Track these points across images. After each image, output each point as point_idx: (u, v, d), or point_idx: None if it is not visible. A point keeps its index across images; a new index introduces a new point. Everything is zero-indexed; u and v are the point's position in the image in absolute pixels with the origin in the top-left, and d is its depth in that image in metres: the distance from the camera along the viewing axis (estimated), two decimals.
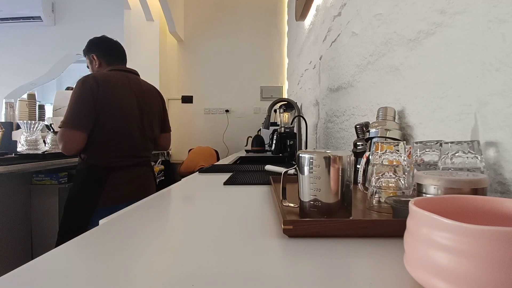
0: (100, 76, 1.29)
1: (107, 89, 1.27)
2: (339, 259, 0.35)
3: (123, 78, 1.37)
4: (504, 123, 0.44)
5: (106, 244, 0.40)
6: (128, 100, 1.34)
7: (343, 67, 1.24)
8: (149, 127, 1.44)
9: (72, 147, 1.23)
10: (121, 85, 1.34)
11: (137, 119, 1.37)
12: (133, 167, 1.37)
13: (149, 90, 1.48)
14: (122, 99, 1.31)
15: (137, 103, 1.38)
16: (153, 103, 1.48)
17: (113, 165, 1.30)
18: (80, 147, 1.25)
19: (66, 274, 0.32)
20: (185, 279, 0.30)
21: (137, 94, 1.38)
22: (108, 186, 1.27)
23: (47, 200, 1.75)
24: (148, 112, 1.43)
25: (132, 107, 1.35)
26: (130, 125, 1.33)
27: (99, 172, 1.28)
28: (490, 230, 0.21)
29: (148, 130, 1.43)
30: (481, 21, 0.48)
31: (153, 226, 0.50)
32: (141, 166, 1.42)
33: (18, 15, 4.04)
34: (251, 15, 4.01)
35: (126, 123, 1.32)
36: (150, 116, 1.44)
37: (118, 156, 1.32)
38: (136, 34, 3.68)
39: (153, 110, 1.47)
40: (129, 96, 1.35)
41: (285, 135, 2.23)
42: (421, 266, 0.25)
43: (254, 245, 0.39)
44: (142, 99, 1.40)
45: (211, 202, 0.67)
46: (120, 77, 1.36)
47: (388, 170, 0.54)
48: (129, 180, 1.34)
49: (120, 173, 1.31)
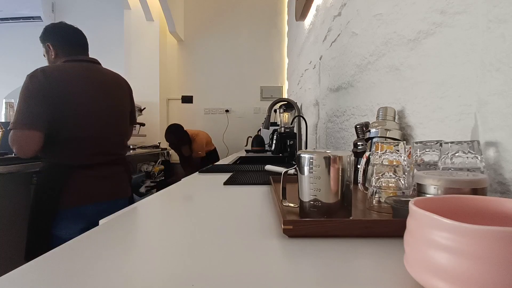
0: (50, 69, 1.16)
1: (59, 82, 1.14)
2: (339, 259, 0.35)
3: (81, 70, 1.23)
4: (504, 123, 0.44)
5: (106, 244, 0.40)
6: (89, 93, 1.21)
7: (343, 67, 1.24)
8: (120, 121, 1.32)
9: (28, 149, 1.11)
10: (78, 77, 1.20)
11: (104, 113, 1.24)
12: (102, 166, 1.24)
13: (114, 80, 1.34)
14: (80, 93, 1.18)
15: (102, 96, 1.25)
16: (121, 94, 1.35)
17: (77, 164, 1.18)
18: (37, 147, 1.12)
19: (66, 274, 0.32)
20: (185, 279, 0.30)
21: (100, 86, 1.25)
22: (71, 186, 1.16)
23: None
24: (117, 104, 1.31)
25: (94, 100, 1.22)
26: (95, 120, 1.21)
27: (61, 171, 1.16)
28: (490, 230, 0.21)
29: (119, 125, 1.32)
30: (481, 21, 0.48)
31: (153, 226, 0.50)
32: (113, 165, 1.29)
33: (18, 15, 4.04)
34: (251, 15, 4.01)
35: (89, 118, 1.19)
36: (119, 108, 1.32)
37: (82, 154, 1.19)
38: (136, 34, 3.69)
39: (121, 101, 1.34)
40: (90, 88, 1.22)
41: (285, 135, 2.23)
42: (421, 266, 0.25)
43: (254, 245, 0.39)
44: (107, 90, 1.28)
45: (211, 202, 0.67)
46: (77, 69, 1.22)
47: (388, 170, 0.54)
48: (97, 179, 1.21)
49: (86, 172, 1.19)
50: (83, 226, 1.16)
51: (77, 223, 1.16)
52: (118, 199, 1.29)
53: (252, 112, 4.01)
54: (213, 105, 3.99)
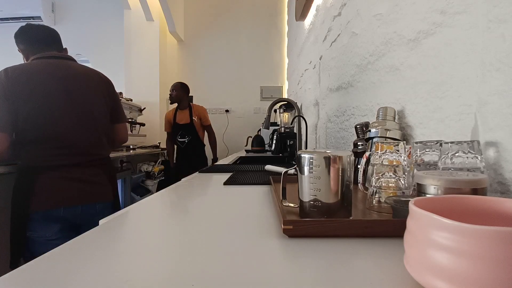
0: (13, 69, 1.13)
1: (20, 81, 1.11)
2: (339, 259, 0.35)
3: (45, 66, 1.18)
4: (504, 123, 0.44)
5: (106, 244, 0.40)
6: (51, 90, 1.14)
7: (343, 67, 1.24)
8: (91, 119, 1.23)
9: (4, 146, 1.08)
10: (40, 73, 1.15)
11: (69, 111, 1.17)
12: (71, 168, 1.16)
13: (83, 75, 1.25)
14: (42, 90, 1.13)
15: (66, 93, 1.17)
16: (93, 91, 1.25)
17: (44, 165, 1.12)
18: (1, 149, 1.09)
19: (66, 274, 0.32)
20: (185, 279, 0.30)
21: (65, 82, 1.18)
22: (39, 188, 1.11)
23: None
24: (87, 102, 1.22)
25: (57, 97, 1.15)
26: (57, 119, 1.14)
27: (29, 173, 1.12)
28: (490, 230, 0.21)
29: (91, 124, 1.23)
30: (481, 21, 0.48)
31: (153, 226, 0.50)
32: (85, 167, 1.19)
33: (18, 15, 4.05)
34: (251, 15, 4.01)
35: (51, 117, 1.13)
36: (90, 106, 1.23)
37: (49, 155, 1.13)
38: (136, 34, 3.69)
39: (93, 99, 1.25)
40: (53, 85, 1.15)
41: (285, 135, 2.23)
42: (421, 266, 0.25)
43: (254, 245, 0.39)
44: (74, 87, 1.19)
45: (211, 202, 0.67)
46: (41, 65, 1.17)
47: (388, 170, 0.54)
48: (66, 181, 1.14)
49: (54, 173, 1.13)
50: (59, 227, 1.13)
51: (51, 226, 1.12)
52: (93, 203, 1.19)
53: (252, 112, 4.01)
54: (213, 105, 3.99)
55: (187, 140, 2.82)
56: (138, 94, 3.54)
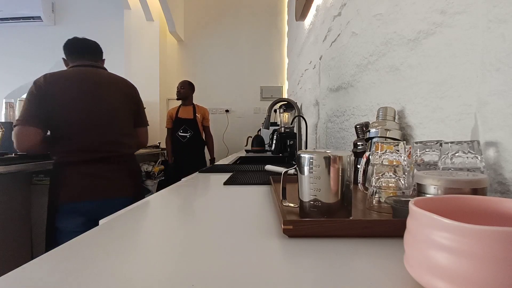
0: (50, 74, 1.29)
1: (54, 86, 1.26)
2: (339, 259, 0.35)
3: (76, 74, 1.33)
4: (504, 123, 0.44)
5: (106, 244, 0.40)
6: (78, 94, 1.28)
7: (343, 67, 1.24)
8: (112, 120, 1.35)
9: (23, 141, 1.22)
10: (72, 79, 1.30)
11: (92, 112, 1.30)
12: (92, 163, 1.27)
13: (109, 83, 1.38)
14: (70, 94, 1.27)
15: (91, 96, 1.30)
16: (117, 95, 1.39)
17: (70, 160, 1.25)
18: (32, 142, 1.22)
19: (66, 274, 0.32)
20: (185, 279, 0.30)
21: (90, 87, 1.31)
22: (67, 182, 1.24)
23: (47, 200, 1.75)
24: (110, 105, 1.35)
25: (82, 100, 1.29)
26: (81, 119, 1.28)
27: (58, 168, 1.27)
28: (490, 230, 0.21)
29: (112, 124, 1.35)
30: (481, 21, 0.48)
31: (153, 226, 0.50)
32: (105, 163, 1.30)
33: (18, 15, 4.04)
34: (251, 15, 4.01)
35: (75, 117, 1.27)
36: (113, 109, 1.36)
37: (73, 151, 1.26)
38: (136, 34, 3.69)
39: (116, 102, 1.38)
40: (80, 89, 1.29)
41: (285, 135, 2.23)
42: (421, 266, 0.25)
43: (254, 245, 0.39)
44: (99, 92, 1.33)
45: (211, 202, 0.67)
46: (73, 72, 1.33)
47: (388, 170, 0.54)
48: (88, 176, 1.26)
49: (78, 168, 1.25)
50: (83, 221, 1.24)
51: (75, 218, 1.23)
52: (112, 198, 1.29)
53: (252, 112, 4.01)
54: (213, 105, 3.99)
55: (189, 135, 2.84)
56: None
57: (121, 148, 1.36)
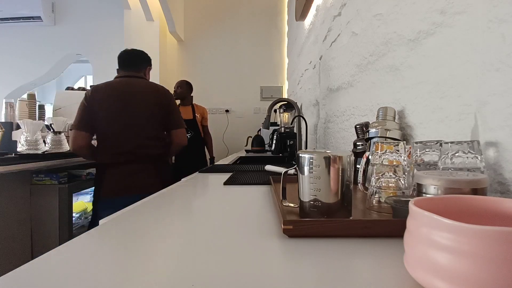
0: (95, 86, 1.50)
1: (96, 97, 1.47)
2: (339, 259, 0.35)
3: (116, 84, 1.53)
4: (504, 123, 0.44)
5: (106, 244, 0.40)
6: (116, 103, 1.47)
7: (343, 67, 1.24)
8: (142, 125, 1.50)
9: (75, 143, 1.45)
10: (111, 90, 1.49)
11: (125, 119, 1.47)
12: (125, 164, 1.45)
13: (141, 92, 1.53)
14: (109, 103, 1.46)
15: (125, 105, 1.48)
16: (147, 103, 1.53)
17: (107, 162, 1.45)
18: (82, 144, 1.45)
19: (66, 274, 0.32)
20: (185, 279, 0.30)
21: (125, 96, 1.48)
22: (104, 180, 1.44)
23: (47, 200, 1.75)
24: (139, 112, 1.50)
25: (119, 109, 1.47)
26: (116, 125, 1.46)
27: (99, 168, 1.49)
28: (490, 230, 0.21)
29: (141, 129, 1.50)
30: (481, 21, 0.48)
31: (153, 226, 0.50)
32: (136, 163, 1.47)
33: (18, 15, 4.04)
34: (251, 15, 4.01)
35: (112, 124, 1.46)
36: (141, 116, 1.51)
37: (110, 154, 1.45)
38: (136, 34, 3.68)
39: (145, 109, 1.52)
40: (117, 99, 1.47)
41: (285, 135, 2.23)
42: (421, 266, 0.25)
43: (254, 245, 0.39)
44: (131, 100, 1.49)
45: (211, 202, 0.67)
46: (114, 83, 1.53)
47: (388, 170, 0.54)
48: (122, 175, 1.44)
49: (114, 169, 1.44)
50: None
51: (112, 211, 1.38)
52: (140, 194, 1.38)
53: (252, 112, 4.01)
54: (213, 105, 3.98)
55: (189, 136, 2.85)
56: None
57: (148, 150, 1.51)
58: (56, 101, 2.56)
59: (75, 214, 2.02)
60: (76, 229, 2.00)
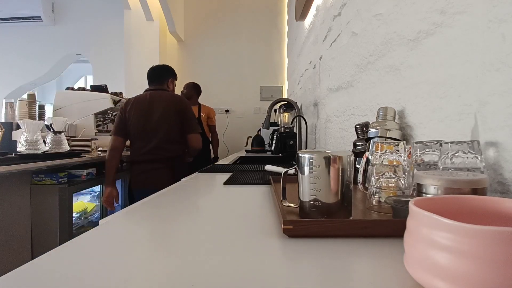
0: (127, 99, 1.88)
1: (127, 107, 1.81)
2: (339, 259, 0.35)
3: (142, 96, 1.84)
4: (504, 123, 0.44)
5: (106, 244, 0.40)
6: (139, 112, 1.78)
7: (343, 67, 1.24)
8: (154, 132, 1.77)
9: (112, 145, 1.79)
10: (137, 102, 1.81)
11: (146, 125, 1.77)
12: (146, 163, 1.76)
13: (160, 102, 1.81)
14: (135, 112, 1.78)
15: (146, 113, 1.77)
16: (157, 113, 1.79)
17: (134, 160, 1.80)
18: (117, 145, 1.79)
19: (66, 274, 0.32)
20: (185, 279, 0.30)
21: (147, 106, 1.78)
22: (133, 175, 1.79)
23: (47, 200, 1.75)
24: (153, 121, 1.77)
25: (141, 117, 1.77)
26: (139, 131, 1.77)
27: (130, 166, 1.84)
28: (490, 230, 0.21)
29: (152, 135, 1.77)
30: (481, 21, 0.48)
31: (153, 226, 0.50)
32: (154, 162, 1.76)
33: (18, 15, 4.04)
34: (251, 15, 4.01)
35: (136, 130, 1.78)
36: (154, 124, 1.78)
37: (135, 154, 1.79)
38: (136, 34, 3.69)
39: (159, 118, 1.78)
40: (141, 108, 1.78)
41: (285, 135, 2.23)
42: (421, 266, 0.25)
43: (254, 245, 0.39)
44: (151, 109, 1.78)
45: (211, 202, 0.67)
46: (140, 96, 1.85)
47: (388, 170, 0.54)
48: (141, 172, 1.77)
49: (137, 166, 1.78)
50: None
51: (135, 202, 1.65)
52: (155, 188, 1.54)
53: (252, 112, 4.01)
54: (213, 105, 3.97)
55: None
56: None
57: (165, 152, 1.78)
58: (56, 101, 2.56)
59: (75, 214, 2.02)
60: (76, 229, 2.00)
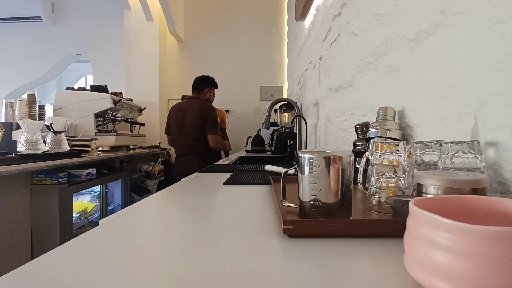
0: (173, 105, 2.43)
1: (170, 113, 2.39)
2: (339, 259, 0.35)
3: (180, 103, 2.40)
4: (504, 123, 0.44)
5: (106, 244, 0.40)
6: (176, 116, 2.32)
7: (343, 67, 1.24)
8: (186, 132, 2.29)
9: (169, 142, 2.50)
10: (176, 108, 2.37)
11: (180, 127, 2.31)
12: (183, 155, 2.33)
13: (191, 108, 2.30)
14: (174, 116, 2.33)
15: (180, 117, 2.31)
16: (188, 117, 2.29)
17: (177, 153, 2.40)
18: (169, 142, 2.49)
19: (66, 274, 0.32)
20: (185, 279, 0.30)
21: (181, 112, 2.31)
22: (174, 165, 2.42)
23: (47, 200, 1.75)
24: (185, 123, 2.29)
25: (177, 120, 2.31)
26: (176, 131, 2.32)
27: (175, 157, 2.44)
28: (490, 230, 0.21)
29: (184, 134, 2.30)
30: (481, 21, 0.48)
31: (153, 226, 0.50)
32: (188, 155, 2.31)
33: (18, 15, 4.04)
34: (251, 15, 4.01)
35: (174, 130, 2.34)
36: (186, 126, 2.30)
37: (177, 149, 2.39)
38: (136, 34, 3.68)
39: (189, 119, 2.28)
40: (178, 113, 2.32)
41: (285, 135, 2.23)
42: (421, 266, 0.25)
43: (254, 245, 0.39)
44: (182, 115, 2.30)
45: (211, 202, 0.67)
46: (179, 103, 2.40)
47: (388, 170, 0.54)
48: (182, 162, 2.32)
49: (179, 158, 2.38)
50: None
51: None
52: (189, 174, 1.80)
53: (252, 112, 4.01)
54: (213, 105, 3.98)
55: None
56: (138, 94, 3.54)
57: (193, 148, 2.30)
58: (56, 101, 2.57)
59: (75, 214, 2.02)
60: (76, 229, 2.00)
